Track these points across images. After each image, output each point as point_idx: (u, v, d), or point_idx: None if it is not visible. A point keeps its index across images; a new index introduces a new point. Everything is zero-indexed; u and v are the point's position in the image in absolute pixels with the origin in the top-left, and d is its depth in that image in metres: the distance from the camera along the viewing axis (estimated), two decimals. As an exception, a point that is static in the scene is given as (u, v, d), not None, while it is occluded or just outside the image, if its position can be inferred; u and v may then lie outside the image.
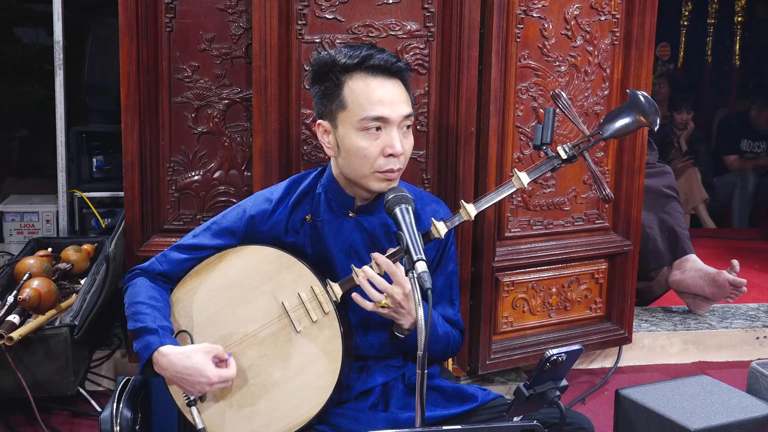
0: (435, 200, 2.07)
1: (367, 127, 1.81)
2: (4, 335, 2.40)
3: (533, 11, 2.67)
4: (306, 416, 1.83)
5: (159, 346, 1.80)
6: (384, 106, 1.81)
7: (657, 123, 1.88)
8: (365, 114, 1.81)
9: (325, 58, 1.87)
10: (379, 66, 1.82)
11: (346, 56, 1.83)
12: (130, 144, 2.64)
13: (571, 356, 1.61)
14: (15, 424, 2.62)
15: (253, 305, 1.89)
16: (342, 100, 1.83)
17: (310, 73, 1.92)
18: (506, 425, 1.52)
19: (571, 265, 2.93)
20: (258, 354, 1.87)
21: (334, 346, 1.84)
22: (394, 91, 1.84)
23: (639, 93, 1.90)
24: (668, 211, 3.56)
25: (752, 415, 2.00)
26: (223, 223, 1.95)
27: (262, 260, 1.90)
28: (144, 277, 1.94)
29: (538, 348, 2.85)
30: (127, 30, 2.58)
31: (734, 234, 5.49)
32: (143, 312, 1.85)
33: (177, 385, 1.83)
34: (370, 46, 1.87)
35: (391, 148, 1.81)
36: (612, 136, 1.89)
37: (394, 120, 1.82)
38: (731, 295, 3.35)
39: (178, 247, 1.96)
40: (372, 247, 1.93)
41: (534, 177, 1.87)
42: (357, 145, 1.82)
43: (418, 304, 1.56)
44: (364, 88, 1.82)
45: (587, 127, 2.85)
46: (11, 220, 3.63)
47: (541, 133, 1.87)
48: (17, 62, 5.15)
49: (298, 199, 1.96)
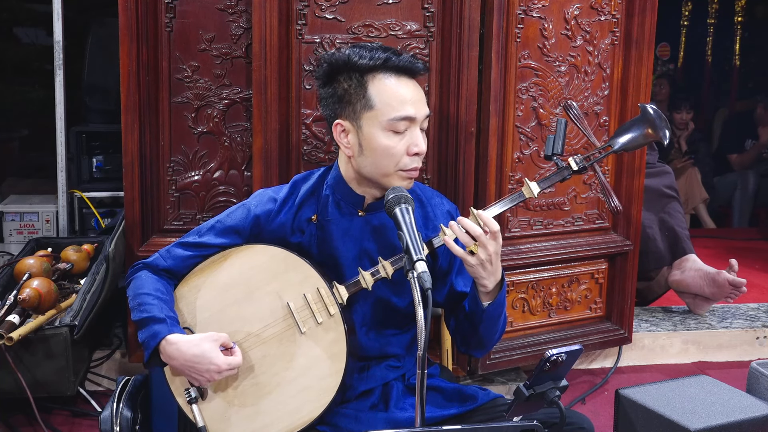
0: (437, 194, 2.08)
1: (394, 127, 1.83)
2: (4, 335, 2.40)
3: (533, 11, 2.67)
4: (308, 417, 1.83)
5: (167, 335, 1.80)
6: (411, 105, 1.84)
7: (667, 137, 1.90)
8: (395, 114, 1.82)
9: (341, 58, 1.87)
10: (402, 67, 1.85)
11: (368, 58, 1.84)
12: (130, 144, 2.64)
13: (571, 356, 1.61)
14: (15, 424, 2.62)
15: (257, 305, 1.88)
16: (368, 101, 1.84)
17: (322, 73, 1.91)
18: (506, 425, 1.52)
19: (571, 265, 2.93)
20: (261, 354, 1.86)
21: (339, 349, 1.84)
22: (416, 90, 1.87)
23: (649, 107, 1.91)
24: (668, 211, 3.56)
25: (752, 415, 2.00)
26: (228, 222, 1.94)
27: (269, 260, 1.89)
28: (147, 271, 1.93)
29: (538, 348, 2.85)
30: (127, 30, 2.58)
31: (734, 234, 5.49)
32: (149, 302, 1.84)
33: (185, 374, 1.82)
34: (382, 47, 1.88)
35: (416, 147, 1.84)
36: (622, 149, 1.91)
37: (419, 119, 1.85)
38: (731, 295, 3.35)
39: (182, 244, 1.95)
40: (381, 242, 1.93)
41: (544, 187, 1.88)
42: (384, 144, 1.83)
43: (418, 305, 1.56)
44: (391, 89, 1.84)
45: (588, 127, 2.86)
46: (11, 220, 3.62)
47: (553, 143, 1.88)
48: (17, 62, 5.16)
49: (303, 199, 1.96)
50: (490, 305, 1.86)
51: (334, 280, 1.89)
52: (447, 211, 2.03)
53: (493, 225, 1.79)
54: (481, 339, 1.93)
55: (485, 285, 1.83)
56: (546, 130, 2.78)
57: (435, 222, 1.99)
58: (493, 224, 1.79)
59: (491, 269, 1.80)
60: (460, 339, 2.00)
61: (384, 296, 1.94)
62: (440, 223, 1.91)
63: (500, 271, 1.84)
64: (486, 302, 1.86)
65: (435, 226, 1.98)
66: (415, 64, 1.87)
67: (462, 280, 1.99)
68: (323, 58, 1.91)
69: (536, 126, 2.76)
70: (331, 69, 1.89)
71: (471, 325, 1.92)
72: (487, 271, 1.80)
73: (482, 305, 1.86)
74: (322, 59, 1.91)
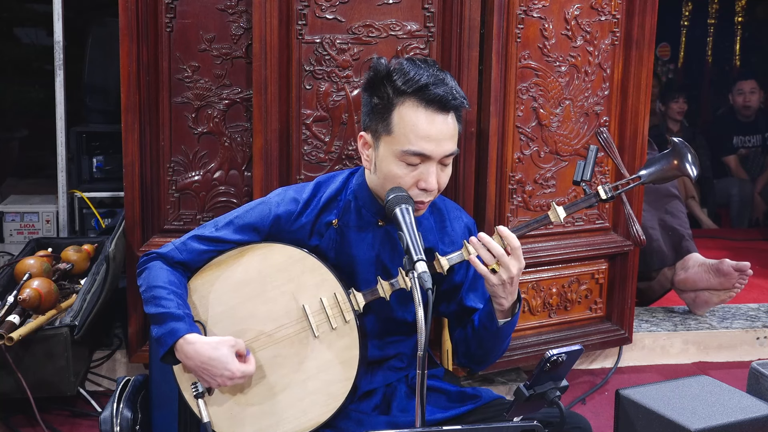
0: (456, 207, 2.06)
1: (406, 159, 1.78)
2: (4, 335, 2.40)
3: (533, 11, 2.67)
4: (315, 421, 1.82)
5: (186, 333, 1.77)
6: (429, 142, 1.77)
7: (695, 173, 1.92)
8: (407, 147, 1.77)
9: (383, 70, 1.82)
10: (433, 99, 1.77)
11: (405, 80, 1.78)
12: (130, 144, 2.64)
13: (572, 356, 1.61)
14: (15, 424, 2.62)
15: (272, 304, 1.86)
16: (388, 125, 1.79)
17: (366, 78, 1.87)
18: (506, 425, 1.52)
19: (571, 266, 2.93)
20: (272, 354, 1.85)
21: (351, 355, 1.82)
22: (442, 127, 1.78)
23: (681, 142, 1.93)
24: (670, 210, 3.56)
25: (752, 416, 1.99)
26: (247, 219, 1.90)
27: (287, 260, 1.87)
28: (161, 261, 1.89)
29: (539, 348, 2.85)
30: (127, 30, 2.58)
31: (734, 234, 5.48)
32: (166, 297, 1.81)
33: (196, 374, 1.80)
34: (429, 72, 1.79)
35: (425, 183, 1.79)
36: (651, 181, 1.95)
37: (436, 158, 1.79)
38: (739, 281, 3.32)
39: (198, 237, 1.91)
40: (396, 255, 1.91)
41: (570, 212, 1.89)
42: (393, 172, 1.80)
43: (419, 304, 1.56)
44: (414, 120, 1.77)
45: (587, 129, 2.86)
46: (11, 220, 3.62)
47: (582, 169, 1.89)
48: (17, 62, 5.16)
49: (326, 203, 1.93)
50: (505, 324, 1.85)
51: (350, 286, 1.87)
52: (465, 224, 2.01)
53: (514, 241, 1.77)
54: (486, 354, 1.93)
55: (502, 304, 1.81)
56: (546, 130, 2.78)
57: (452, 236, 1.97)
58: (514, 240, 1.77)
59: (511, 289, 1.79)
60: (463, 352, 1.98)
61: (391, 308, 1.92)
62: (460, 238, 1.90)
63: (518, 291, 1.82)
64: (501, 320, 1.84)
65: (451, 240, 1.96)
66: (450, 101, 1.78)
67: (473, 295, 1.97)
68: (373, 61, 1.86)
69: (536, 126, 2.76)
70: (374, 77, 1.84)
71: (479, 341, 1.91)
72: (506, 291, 1.79)
73: (497, 323, 1.85)
74: (373, 62, 1.86)
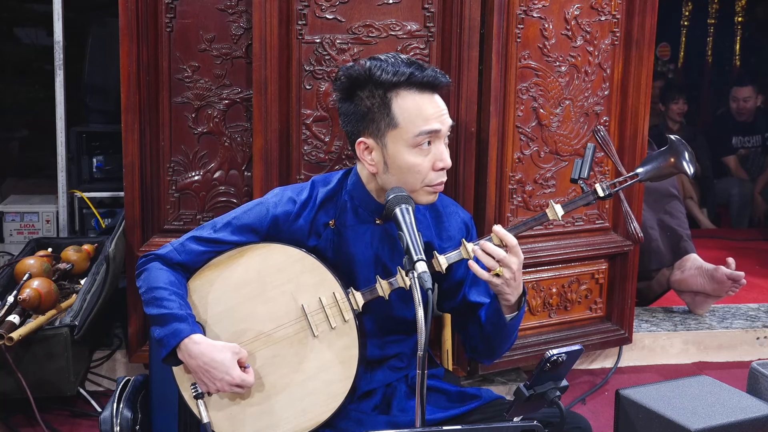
0: (453, 203, 2.07)
1: (419, 143, 1.80)
2: (4, 335, 2.40)
3: (533, 11, 2.67)
4: (314, 421, 1.82)
5: (191, 334, 1.78)
6: (437, 119, 1.81)
7: (692, 170, 1.91)
8: (419, 130, 1.79)
9: (361, 72, 1.82)
10: (426, 82, 1.81)
11: (391, 73, 1.80)
12: (130, 144, 2.64)
13: (572, 356, 1.61)
14: (15, 424, 2.62)
15: (271, 304, 1.86)
16: (392, 119, 1.80)
17: (341, 87, 1.86)
18: (506, 425, 1.52)
19: (571, 266, 2.93)
20: (272, 354, 1.85)
21: (350, 355, 1.83)
22: (439, 103, 1.83)
23: (678, 139, 1.93)
24: (669, 211, 3.56)
25: (752, 416, 1.99)
26: (245, 220, 1.91)
27: (286, 260, 1.87)
28: (160, 262, 1.90)
29: (539, 348, 2.85)
30: (127, 30, 2.58)
31: (734, 234, 5.49)
32: (167, 298, 1.81)
33: (196, 375, 1.80)
34: (404, 61, 1.84)
35: (441, 162, 1.82)
36: (648, 179, 1.94)
37: (444, 132, 1.83)
38: (732, 289, 3.34)
39: (196, 239, 1.91)
40: (395, 253, 1.92)
41: (568, 210, 1.90)
42: (410, 162, 1.81)
43: (418, 305, 1.56)
44: (416, 105, 1.80)
45: (587, 129, 2.86)
46: (11, 220, 3.63)
47: (580, 167, 1.90)
48: (17, 62, 5.15)
49: (323, 203, 1.93)
50: (512, 319, 1.86)
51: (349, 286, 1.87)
52: (461, 219, 2.01)
53: (511, 240, 1.79)
54: (495, 349, 1.94)
55: (509, 300, 1.83)
56: (546, 130, 2.78)
57: (449, 231, 1.98)
58: (510, 239, 1.79)
59: (515, 285, 1.81)
60: (471, 347, 2.00)
61: (391, 307, 1.92)
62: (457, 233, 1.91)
63: (522, 284, 1.84)
64: (508, 315, 1.86)
65: (449, 236, 1.97)
66: (439, 78, 1.83)
67: (476, 290, 1.98)
68: (341, 70, 1.86)
69: (536, 126, 2.76)
70: (350, 83, 1.84)
71: (486, 336, 1.92)
72: (511, 288, 1.81)
73: (505, 319, 1.86)
74: (340, 72, 1.86)
